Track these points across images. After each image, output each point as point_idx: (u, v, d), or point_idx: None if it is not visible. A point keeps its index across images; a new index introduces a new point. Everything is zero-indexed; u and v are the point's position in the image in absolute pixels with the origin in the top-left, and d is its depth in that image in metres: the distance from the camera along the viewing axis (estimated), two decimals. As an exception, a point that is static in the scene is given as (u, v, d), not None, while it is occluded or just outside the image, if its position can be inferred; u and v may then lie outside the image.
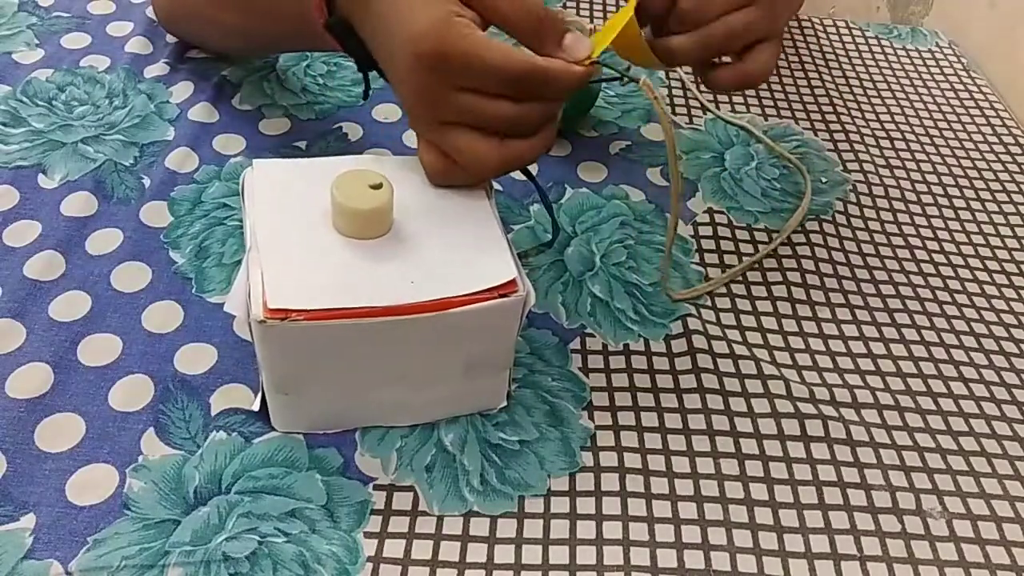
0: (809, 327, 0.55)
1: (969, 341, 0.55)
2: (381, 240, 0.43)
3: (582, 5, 0.84)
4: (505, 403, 0.48)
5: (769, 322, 0.55)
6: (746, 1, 0.47)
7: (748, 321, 0.55)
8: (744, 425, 0.48)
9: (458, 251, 0.43)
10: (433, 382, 0.45)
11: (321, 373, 0.43)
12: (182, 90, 0.67)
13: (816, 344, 0.54)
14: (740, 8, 0.47)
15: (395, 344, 0.42)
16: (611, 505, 0.44)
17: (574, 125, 0.68)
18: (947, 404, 0.51)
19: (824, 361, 0.53)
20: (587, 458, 0.46)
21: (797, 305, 0.56)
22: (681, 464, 0.46)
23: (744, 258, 0.59)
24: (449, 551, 0.42)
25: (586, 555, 0.42)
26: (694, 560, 0.42)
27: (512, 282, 0.42)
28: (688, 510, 0.44)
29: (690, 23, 0.47)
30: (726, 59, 0.50)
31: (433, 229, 0.44)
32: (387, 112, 0.67)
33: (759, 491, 0.45)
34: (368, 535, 0.42)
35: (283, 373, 0.43)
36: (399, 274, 0.42)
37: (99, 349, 0.48)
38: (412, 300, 0.41)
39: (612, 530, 0.43)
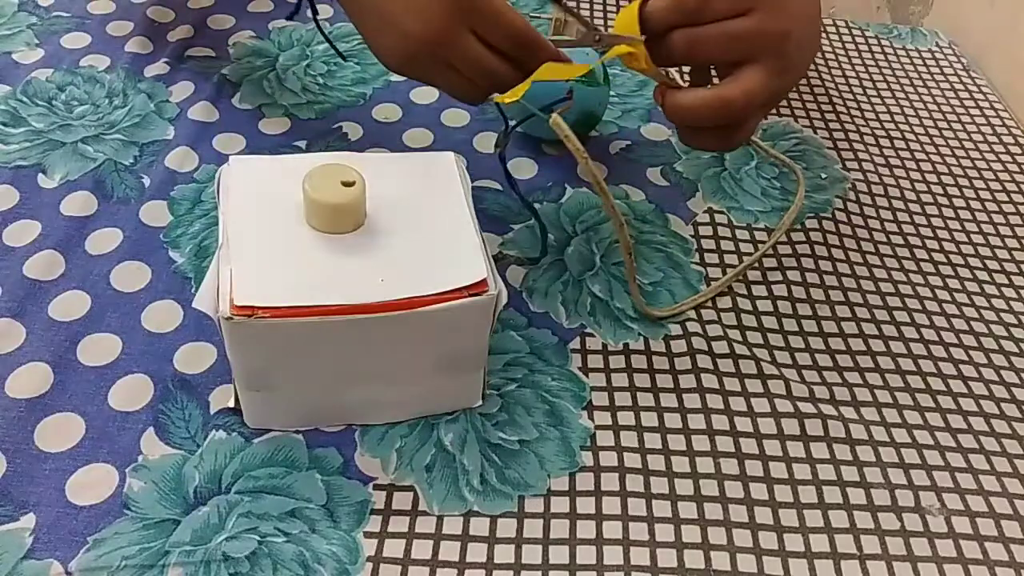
0: (809, 326, 0.55)
1: (968, 340, 0.55)
2: (353, 236, 0.43)
3: (582, 5, 0.84)
4: (481, 402, 0.47)
5: (769, 322, 0.55)
6: (745, 11, 0.45)
7: (748, 321, 0.55)
8: (744, 425, 0.48)
9: (430, 249, 0.43)
10: (405, 380, 0.45)
11: (290, 370, 0.43)
12: (182, 89, 0.67)
13: (816, 343, 0.54)
14: (739, 16, 0.45)
15: (364, 342, 0.42)
16: (611, 505, 0.44)
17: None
18: (946, 402, 0.51)
19: (824, 360, 0.53)
20: (587, 458, 0.46)
21: (797, 304, 0.56)
22: (681, 464, 0.46)
23: (744, 257, 0.59)
24: (449, 551, 0.42)
25: (586, 555, 0.42)
26: (694, 560, 0.42)
27: (483, 282, 0.42)
28: (688, 510, 0.44)
29: (688, 23, 0.45)
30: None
31: (407, 226, 0.44)
32: (387, 112, 0.67)
33: (759, 491, 0.45)
34: (368, 535, 0.42)
35: (252, 370, 0.42)
36: (369, 271, 0.41)
37: (99, 349, 0.48)
38: (381, 298, 0.40)
39: (612, 530, 0.43)
